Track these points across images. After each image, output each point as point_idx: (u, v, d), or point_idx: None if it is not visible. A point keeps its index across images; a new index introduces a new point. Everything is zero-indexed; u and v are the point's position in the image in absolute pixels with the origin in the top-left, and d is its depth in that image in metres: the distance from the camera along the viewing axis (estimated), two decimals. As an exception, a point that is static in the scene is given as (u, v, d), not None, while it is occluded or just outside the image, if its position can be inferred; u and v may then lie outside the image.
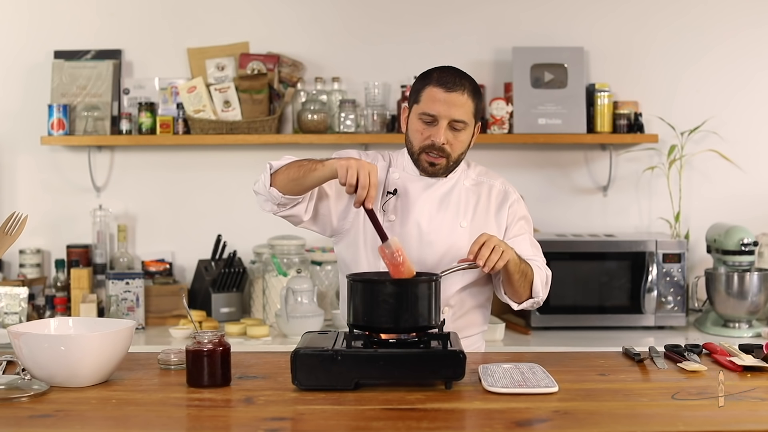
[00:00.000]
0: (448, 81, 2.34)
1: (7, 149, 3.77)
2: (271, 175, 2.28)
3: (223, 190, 3.78)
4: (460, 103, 2.32)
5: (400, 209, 2.41)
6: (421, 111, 2.35)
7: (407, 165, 2.46)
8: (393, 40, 3.73)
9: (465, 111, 2.34)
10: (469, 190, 2.46)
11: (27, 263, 3.68)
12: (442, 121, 2.32)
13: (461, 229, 2.40)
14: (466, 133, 2.38)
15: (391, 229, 2.35)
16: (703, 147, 3.72)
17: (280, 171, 2.28)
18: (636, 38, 3.76)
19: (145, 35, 3.76)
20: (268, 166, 2.30)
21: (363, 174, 2.13)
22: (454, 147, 2.36)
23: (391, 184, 2.43)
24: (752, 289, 3.33)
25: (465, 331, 2.41)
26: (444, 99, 2.32)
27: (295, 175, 2.25)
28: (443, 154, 2.36)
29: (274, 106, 3.65)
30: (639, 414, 1.77)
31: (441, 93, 2.32)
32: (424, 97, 2.35)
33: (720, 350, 2.26)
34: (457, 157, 2.39)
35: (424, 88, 2.36)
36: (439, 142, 2.33)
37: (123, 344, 2.00)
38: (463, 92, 2.33)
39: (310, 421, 1.73)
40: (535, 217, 3.71)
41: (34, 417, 1.75)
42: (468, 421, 1.76)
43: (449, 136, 2.34)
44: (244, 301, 3.64)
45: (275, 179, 2.28)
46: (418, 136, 2.37)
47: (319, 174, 2.21)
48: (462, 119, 2.33)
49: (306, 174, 2.23)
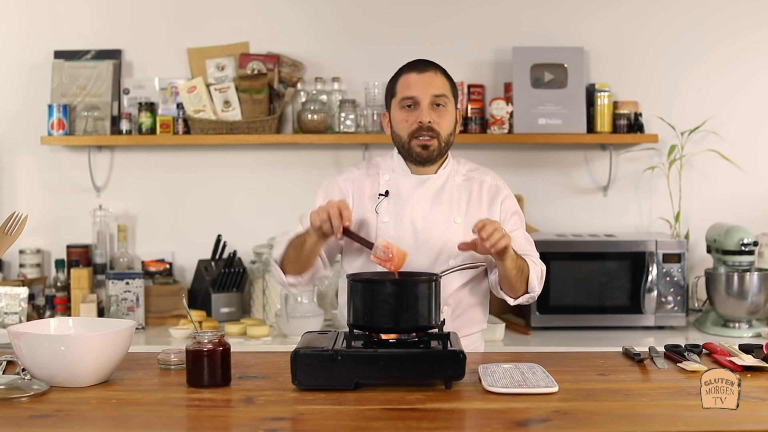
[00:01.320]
0: (418, 64, 2.43)
1: (7, 149, 3.77)
2: (282, 269, 2.41)
3: (223, 190, 3.78)
4: (436, 80, 2.40)
5: (393, 210, 2.44)
6: (401, 98, 2.41)
7: (396, 166, 2.49)
8: (393, 40, 3.73)
9: (443, 87, 2.41)
10: (461, 185, 2.48)
11: (27, 263, 3.68)
12: (423, 101, 2.38)
13: (456, 225, 2.42)
14: (450, 113, 2.42)
15: (385, 230, 2.39)
16: (703, 147, 3.72)
17: (286, 259, 2.39)
18: (636, 38, 3.76)
19: (145, 35, 3.76)
20: (273, 262, 2.43)
21: (324, 214, 2.20)
22: (441, 125, 2.40)
23: (382, 186, 2.46)
24: (752, 289, 3.33)
25: (464, 329, 2.41)
26: (418, 79, 2.39)
27: (294, 256, 2.37)
28: (433, 133, 2.39)
29: (274, 106, 3.65)
30: (639, 414, 1.77)
31: (414, 75, 2.40)
32: (400, 86, 2.42)
33: (720, 350, 2.26)
34: (446, 138, 2.42)
35: (397, 80, 2.44)
36: (426, 121, 2.38)
37: (123, 344, 2.00)
38: (435, 71, 2.42)
39: (310, 421, 1.73)
40: (535, 217, 3.75)
41: (34, 417, 1.75)
42: (468, 421, 1.76)
43: (434, 115, 2.39)
44: (244, 301, 3.64)
45: (287, 269, 2.40)
46: (403, 125, 2.41)
47: (309, 241, 2.31)
48: (441, 93, 2.39)
49: (301, 250, 2.34)
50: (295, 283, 2.42)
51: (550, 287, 3.40)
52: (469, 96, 3.68)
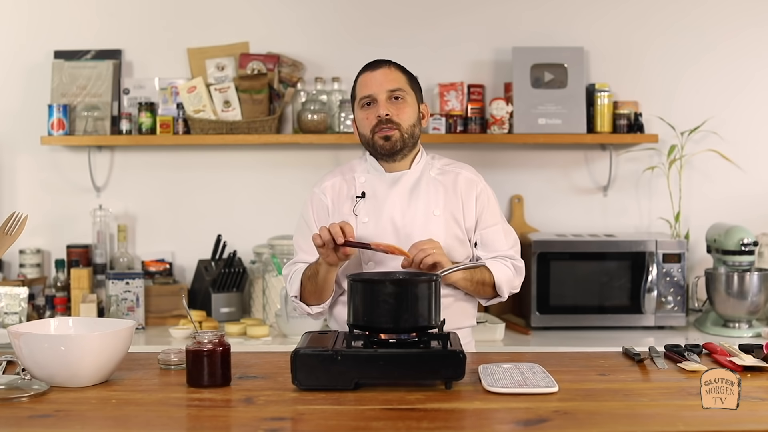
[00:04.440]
0: (371, 64, 2.49)
1: (7, 149, 3.77)
2: (302, 302, 2.47)
3: (223, 190, 3.78)
4: (390, 76, 2.45)
5: (372, 210, 2.48)
6: (359, 98, 2.47)
7: (371, 167, 2.53)
8: (393, 41, 3.73)
9: (397, 81, 2.45)
10: (436, 179, 2.52)
11: (27, 263, 3.68)
12: (379, 97, 2.43)
13: (435, 218, 2.45)
14: (409, 105, 2.46)
15: (365, 230, 2.45)
16: (703, 147, 3.72)
17: (305, 292, 2.45)
18: (636, 38, 3.76)
19: (145, 35, 3.76)
20: (292, 298, 2.49)
21: (326, 234, 2.26)
22: (401, 116, 2.44)
23: (359, 188, 2.50)
24: (752, 289, 3.33)
25: (453, 323, 2.40)
26: (372, 77, 2.45)
27: (312, 288, 2.43)
28: (392, 125, 2.43)
29: (274, 106, 3.65)
30: (639, 414, 1.77)
31: (368, 75, 2.47)
32: (358, 88, 2.49)
33: (720, 350, 2.26)
34: (408, 129, 2.46)
35: (355, 83, 2.50)
36: (383, 114, 2.43)
37: (123, 344, 2.01)
38: (389, 67, 2.47)
39: (310, 421, 1.73)
40: (535, 217, 3.75)
41: (34, 417, 1.75)
42: (468, 421, 1.76)
43: (392, 108, 2.44)
44: (244, 301, 3.64)
45: (308, 301, 2.47)
46: (365, 122, 2.47)
47: (321, 271, 2.36)
48: (397, 87, 2.44)
49: (316, 281, 2.40)
50: (321, 311, 2.50)
51: (550, 287, 3.41)
52: (469, 96, 3.68)
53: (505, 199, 3.71)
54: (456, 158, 2.63)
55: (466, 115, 3.65)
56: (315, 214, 2.54)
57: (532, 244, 3.38)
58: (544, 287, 3.40)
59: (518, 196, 3.74)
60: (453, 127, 3.62)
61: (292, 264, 2.54)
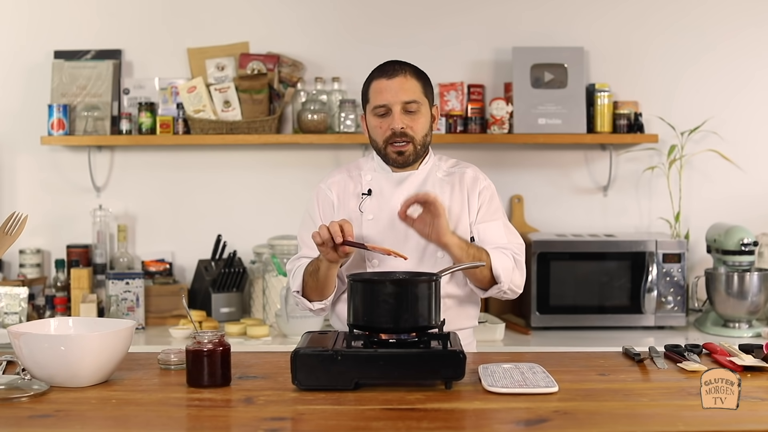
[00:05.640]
0: (387, 70, 2.45)
1: (7, 149, 3.77)
2: (304, 298, 2.46)
3: (223, 190, 3.78)
4: (406, 85, 2.42)
5: (377, 207, 2.48)
6: (373, 106, 2.44)
7: (377, 165, 2.53)
8: (393, 40, 3.73)
9: (413, 91, 2.42)
10: (443, 180, 2.52)
11: (27, 263, 3.68)
12: (394, 108, 2.41)
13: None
14: (423, 115, 2.45)
15: (370, 228, 2.45)
16: (703, 147, 3.72)
17: (307, 288, 2.44)
18: (636, 38, 3.76)
19: (145, 35, 3.76)
20: (294, 293, 2.47)
21: (325, 233, 2.23)
22: (415, 129, 2.43)
23: (365, 186, 2.51)
24: (752, 289, 3.33)
25: (455, 323, 2.40)
26: (388, 86, 2.42)
27: (314, 284, 2.41)
28: (407, 138, 2.43)
29: (274, 106, 3.65)
30: (639, 414, 1.77)
31: (384, 82, 2.43)
32: (371, 93, 2.46)
33: (720, 350, 2.26)
34: (421, 140, 2.45)
35: (369, 86, 2.47)
36: (398, 128, 2.41)
37: (123, 344, 2.01)
38: (405, 75, 2.43)
39: (310, 421, 1.73)
40: (535, 217, 3.75)
41: (34, 417, 1.75)
42: (468, 421, 1.76)
43: (406, 120, 2.42)
44: (244, 301, 3.64)
45: (310, 297, 2.45)
46: (378, 132, 2.45)
47: (322, 267, 2.35)
48: (412, 99, 2.42)
49: (317, 277, 2.38)
50: (322, 307, 2.48)
51: (550, 287, 3.41)
52: (469, 96, 3.68)
53: (506, 199, 3.71)
54: (457, 158, 2.63)
55: (466, 115, 3.65)
56: (320, 210, 2.54)
57: (532, 244, 3.38)
58: (544, 287, 3.40)
59: (518, 196, 3.74)
60: (453, 127, 3.62)
61: (296, 259, 2.53)
